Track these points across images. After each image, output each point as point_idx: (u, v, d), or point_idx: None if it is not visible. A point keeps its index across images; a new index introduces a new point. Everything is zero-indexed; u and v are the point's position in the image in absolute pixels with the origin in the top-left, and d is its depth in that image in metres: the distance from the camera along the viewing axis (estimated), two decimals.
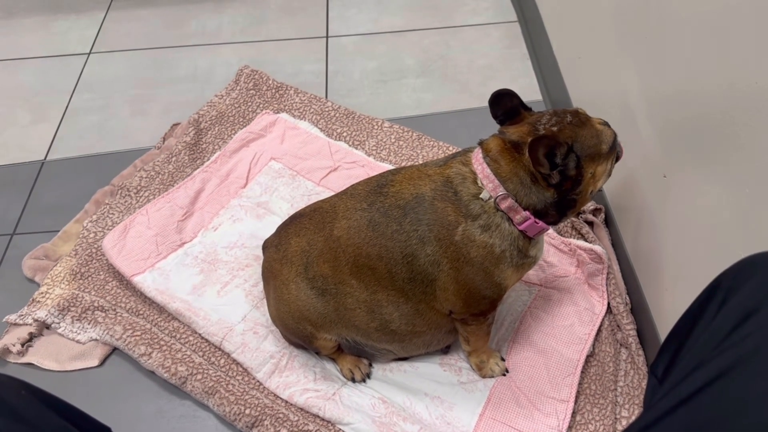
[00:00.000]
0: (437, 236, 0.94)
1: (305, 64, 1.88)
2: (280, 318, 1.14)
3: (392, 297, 1.02)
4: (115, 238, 1.37)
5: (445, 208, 0.94)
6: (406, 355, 1.18)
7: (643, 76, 1.15)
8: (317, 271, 1.05)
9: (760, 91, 0.80)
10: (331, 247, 1.03)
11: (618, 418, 1.13)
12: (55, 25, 2.08)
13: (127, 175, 1.58)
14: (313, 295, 1.06)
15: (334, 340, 1.12)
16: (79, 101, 1.82)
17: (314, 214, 1.09)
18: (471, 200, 0.93)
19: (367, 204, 1.01)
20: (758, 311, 0.56)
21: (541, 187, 0.92)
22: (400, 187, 0.99)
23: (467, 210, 0.93)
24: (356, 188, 1.07)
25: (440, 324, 1.07)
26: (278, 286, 1.11)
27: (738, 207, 0.88)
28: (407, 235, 0.96)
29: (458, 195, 0.94)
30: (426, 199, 0.95)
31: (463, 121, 1.68)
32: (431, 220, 0.94)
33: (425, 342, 1.12)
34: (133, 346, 1.23)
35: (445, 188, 0.95)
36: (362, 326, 1.07)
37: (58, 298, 1.32)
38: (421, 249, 0.95)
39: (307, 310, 1.08)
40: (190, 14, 2.07)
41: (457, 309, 1.02)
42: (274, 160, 1.56)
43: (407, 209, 0.96)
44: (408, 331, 1.06)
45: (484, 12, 2.00)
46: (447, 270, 0.96)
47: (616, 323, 1.24)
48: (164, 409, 1.19)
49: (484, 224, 0.93)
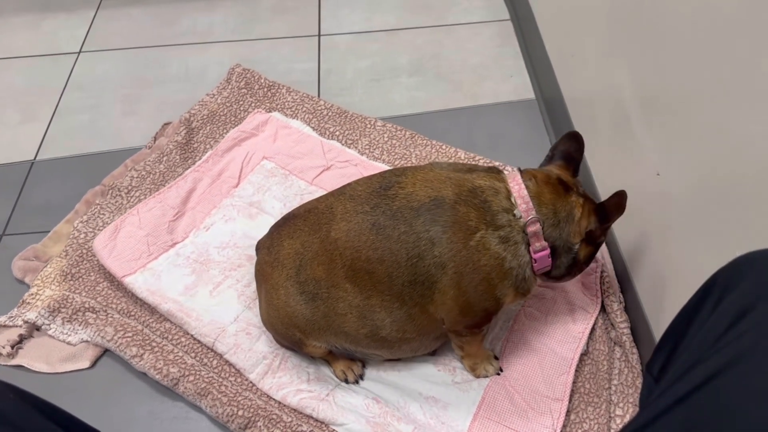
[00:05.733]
0: (451, 238, 0.94)
1: (297, 62, 1.87)
2: (270, 323, 1.13)
3: (386, 302, 1.00)
4: (105, 239, 1.36)
5: (468, 213, 0.94)
6: (395, 358, 1.18)
7: (636, 74, 1.15)
8: (310, 273, 1.03)
9: (755, 88, 0.80)
10: (327, 249, 1.02)
11: (612, 417, 1.13)
12: (45, 24, 2.06)
13: (117, 175, 1.56)
14: (303, 300, 1.05)
15: (324, 347, 1.12)
16: (70, 101, 1.80)
17: (309, 215, 1.07)
18: (500, 212, 0.95)
19: (370, 207, 0.99)
20: (754, 309, 0.56)
21: (571, 228, 0.99)
22: (412, 189, 0.97)
23: (492, 219, 0.94)
24: (355, 189, 1.05)
25: (429, 330, 1.06)
26: (268, 290, 1.10)
27: (733, 205, 0.88)
28: (417, 236, 0.95)
29: (487, 204, 0.95)
30: (446, 201, 0.95)
31: (455, 119, 1.67)
32: (448, 222, 0.94)
33: (413, 348, 1.11)
34: (125, 347, 1.22)
35: (471, 195, 0.95)
36: (352, 332, 1.05)
37: (48, 299, 1.30)
38: (429, 250, 0.94)
39: (296, 317, 1.06)
40: (182, 13, 2.06)
41: (451, 317, 1.01)
42: (266, 160, 1.55)
43: (421, 210, 0.95)
44: (398, 338, 1.05)
45: (477, 11, 2.00)
46: (451, 274, 0.95)
47: (610, 322, 1.24)
48: (156, 410, 1.18)
49: (503, 236, 0.95)
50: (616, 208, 1.00)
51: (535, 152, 1.58)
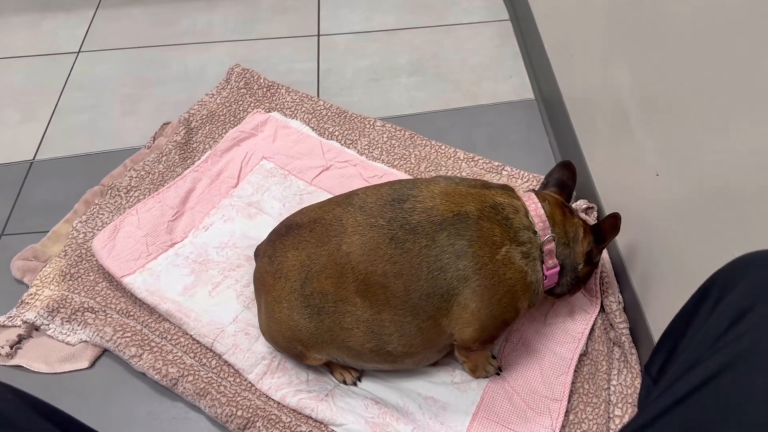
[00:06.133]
0: (477, 252, 0.96)
1: (297, 62, 1.87)
2: (270, 335, 1.12)
3: (398, 316, 0.99)
4: (104, 239, 1.36)
5: (492, 228, 0.98)
6: (393, 370, 1.17)
7: (635, 75, 1.15)
8: (316, 287, 1.01)
9: (755, 89, 0.80)
10: (337, 262, 1.00)
11: (611, 417, 1.13)
12: (44, 23, 2.06)
13: (117, 174, 1.56)
14: (307, 314, 1.03)
15: (324, 359, 1.11)
16: (69, 100, 1.80)
17: (315, 226, 1.04)
18: (521, 229, 1.00)
19: (385, 221, 0.99)
20: (753, 309, 0.56)
21: (577, 247, 1.06)
22: (432, 204, 0.99)
23: (515, 235, 0.99)
24: (365, 201, 1.03)
25: (435, 343, 1.06)
26: (269, 302, 1.07)
27: (732, 205, 0.88)
28: (440, 250, 0.96)
29: (509, 221, 0.99)
30: (470, 217, 0.97)
31: (455, 119, 1.67)
32: (474, 237, 0.96)
33: (415, 361, 1.11)
34: (124, 347, 1.22)
35: (493, 211, 0.99)
36: (356, 347, 1.04)
37: (47, 299, 1.30)
38: (454, 263, 0.96)
39: (299, 330, 1.05)
40: (181, 12, 2.06)
41: (467, 333, 1.01)
42: (265, 160, 1.55)
43: (444, 225, 0.97)
44: (403, 352, 1.04)
45: (477, 10, 2.00)
46: (474, 287, 0.97)
47: (609, 322, 1.24)
48: (155, 411, 1.18)
49: (525, 252, 0.99)
50: (611, 229, 1.09)
51: (534, 152, 1.59)
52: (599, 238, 1.10)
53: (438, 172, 1.51)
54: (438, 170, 1.51)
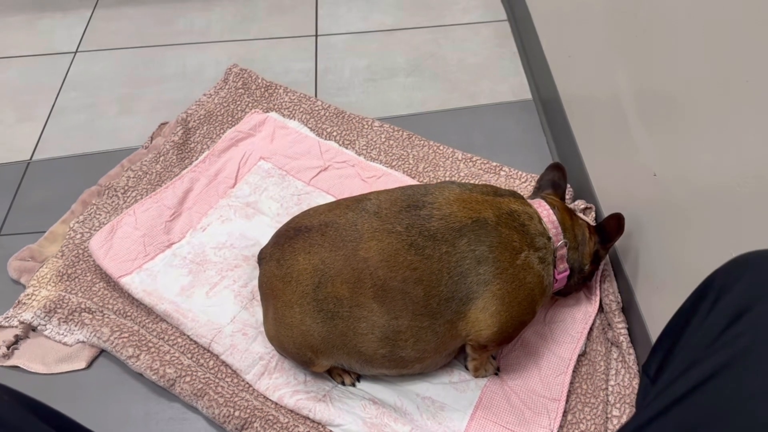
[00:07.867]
0: (497, 258, 0.98)
1: (295, 62, 1.87)
2: (279, 341, 1.09)
3: (416, 321, 1.00)
4: (102, 239, 1.35)
5: (511, 234, 1.00)
6: (399, 376, 1.17)
7: (633, 75, 1.15)
8: (331, 291, 1.00)
9: (753, 89, 0.80)
10: (354, 267, 0.99)
11: (609, 417, 1.13)
12: (41, 23, 2.05)
13: (114, 175, 1.56)
14: (320, 319, 1.01)
15: (329, 366, 1.11)
16: (66, 100, 1.80)
17: (327, 230, 1.03)
18: (537, 235, 1.03)
19: (403, 227, 0.99)
20: (751, 310, 0.56)
21: (585, 249, 1.11)
22: (450, 210, 1.00)
23: (532, 241, 1.02)
24: (379, 207, 1.03)
25: (447, 347, 1.06)
26: (279, 307, 1.05)
27: (730, 205, 0.88)
28: (461, 255, 0.98)
29: (525, 227, 1.03)
30: (489, 223, 1.00)
31: (453, 120, 1.67)
32: (494, 243, 0.98)
33: (424, 366, 1.11)
34: (121, 348, 1.21)
35: (510, 218, 1.02)
36: (368, 352, 1.03)
37: (44, 299, 1.30)
38: (474, 268, 0.98)
39: (311, 336, 1.03)
40: (179, 12, 2.06)
41: (486, 334, 1.01)
42: (263, 160, 1.55)
43: (464, 231, 0.99)
44: (415, 357, 1.05)
45: (474, 10, 2.00)
46: (494, 290, 0.98)
47: (607, 322, 1.24)
48: (153, 411, 1.18)
49: (542, 257, 1.03)
50: (617, 229, 1.14)
51: (532, 152, 1.59)
52: (604, 239, 1.15)
53: (436, 172, 1.51)
54: (436, 170, 1.51)
